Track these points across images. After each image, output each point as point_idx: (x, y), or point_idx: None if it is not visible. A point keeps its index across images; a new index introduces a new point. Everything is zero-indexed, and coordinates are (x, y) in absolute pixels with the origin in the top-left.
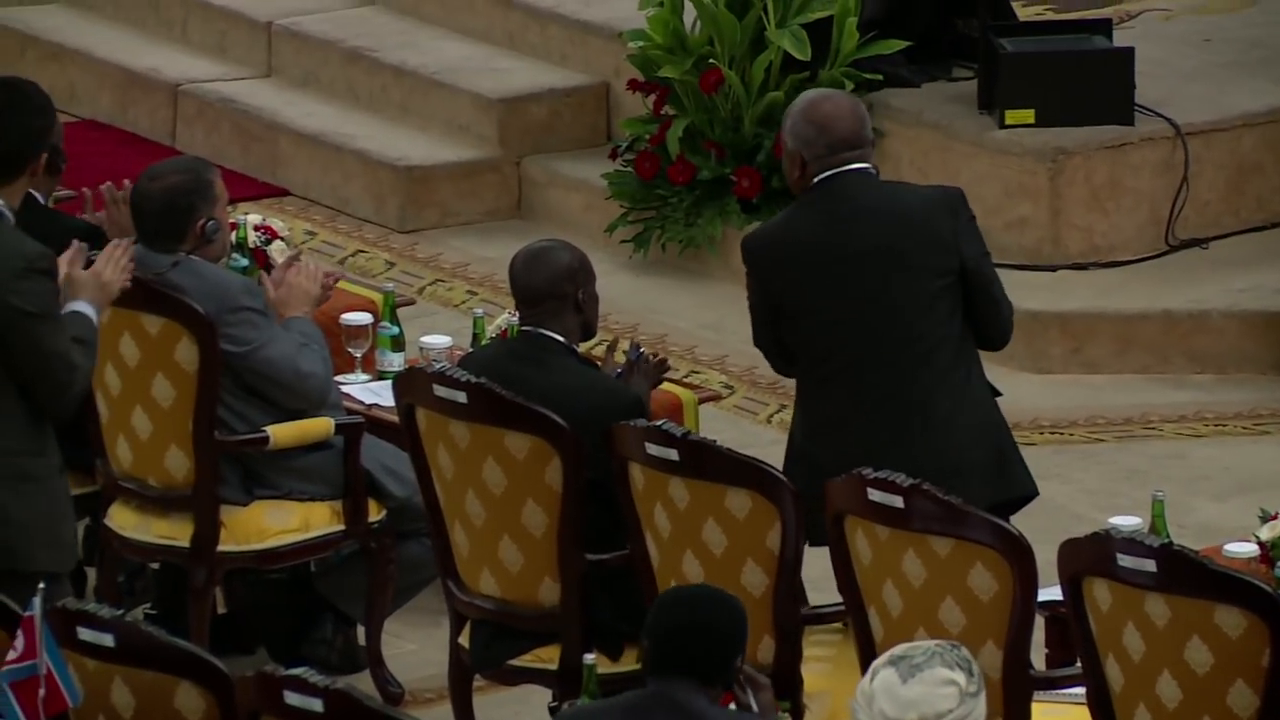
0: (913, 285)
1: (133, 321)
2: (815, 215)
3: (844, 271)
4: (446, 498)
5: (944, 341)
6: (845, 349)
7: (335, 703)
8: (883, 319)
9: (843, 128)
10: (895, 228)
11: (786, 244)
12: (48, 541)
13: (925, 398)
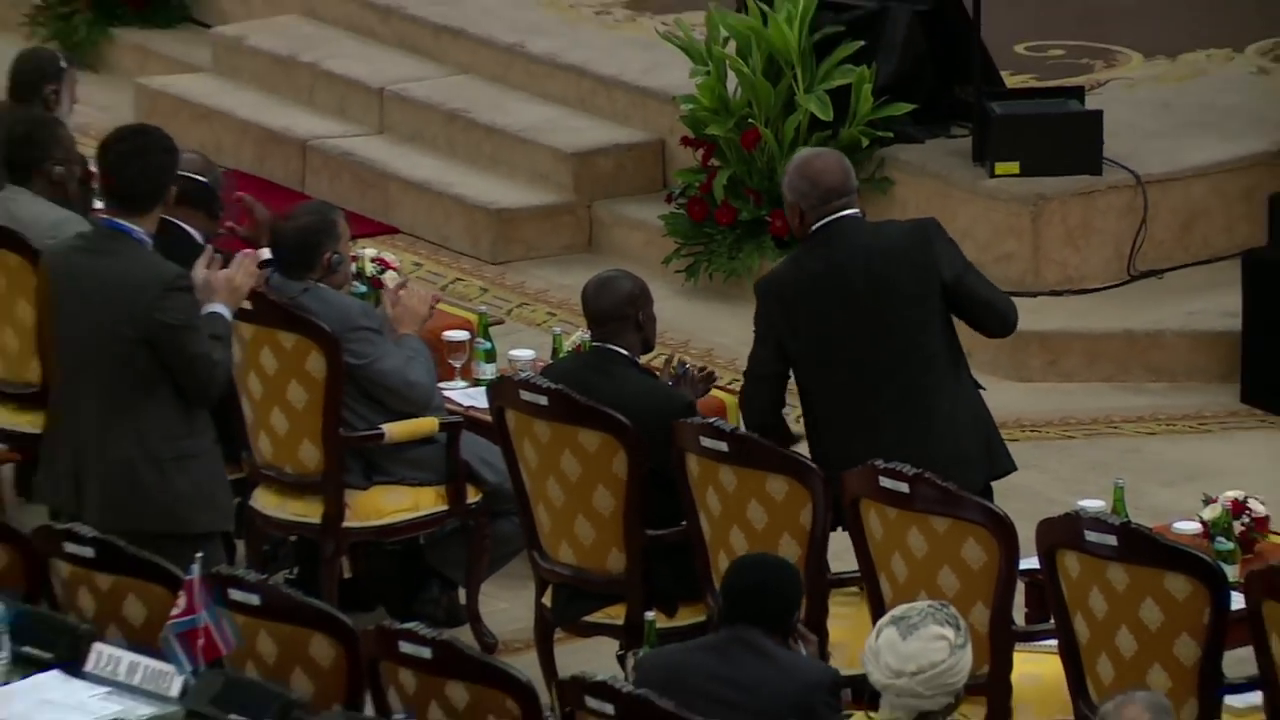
0: (906, 307)
1: (271, 338)
2: (817, 257)
3: (847, 303)
4: (531, 483)
5: (938, 351)
6: (855, 369)
7: (441, 651)
8: (885, 339)
9: (831, 179)
10: (885, 261)
11: (796, 284)
12: (207, 506)
13: (929, 401)
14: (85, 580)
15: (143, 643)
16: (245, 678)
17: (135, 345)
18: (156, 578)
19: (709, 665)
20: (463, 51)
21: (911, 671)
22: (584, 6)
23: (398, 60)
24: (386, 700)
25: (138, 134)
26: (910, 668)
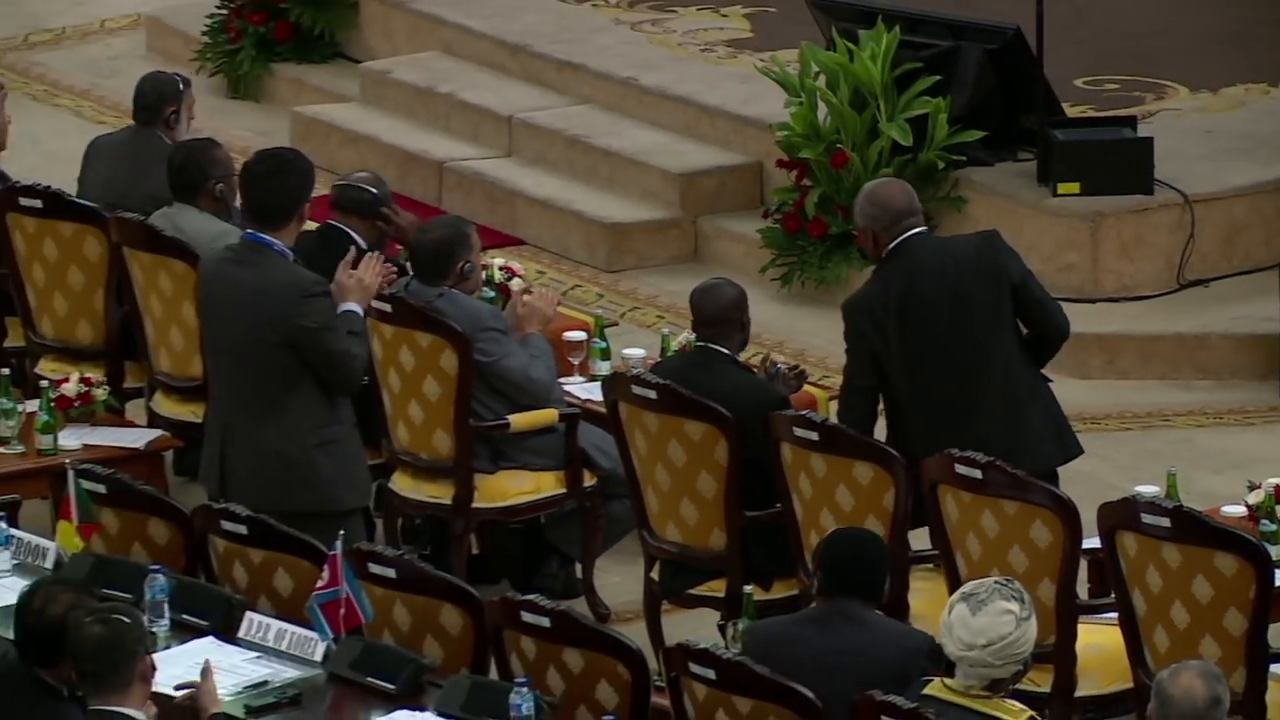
0: (982, 312)
1: (409, 338)
2: (898, 273)
3: (929, 313)
4: (641, 469)
5: (1012, 350)
6: (941, 371)
7: (559, 620)
8: (966, 343)
9: (899, 203)
10: (958, 271)
11: (880, 301)
12: (349, 485)
13: (1008, 395)
14: (239, 555)
15: (290, 612)
16: (381, 644)
17: (278, 347)
18: (303, 553)
19: (812, 635)
20: (583, 84)
21: (982, 644)
22: (691, 44)
23: (525, 91)
24: (509, 666)
25: (274, 158)
26: (981, 640)
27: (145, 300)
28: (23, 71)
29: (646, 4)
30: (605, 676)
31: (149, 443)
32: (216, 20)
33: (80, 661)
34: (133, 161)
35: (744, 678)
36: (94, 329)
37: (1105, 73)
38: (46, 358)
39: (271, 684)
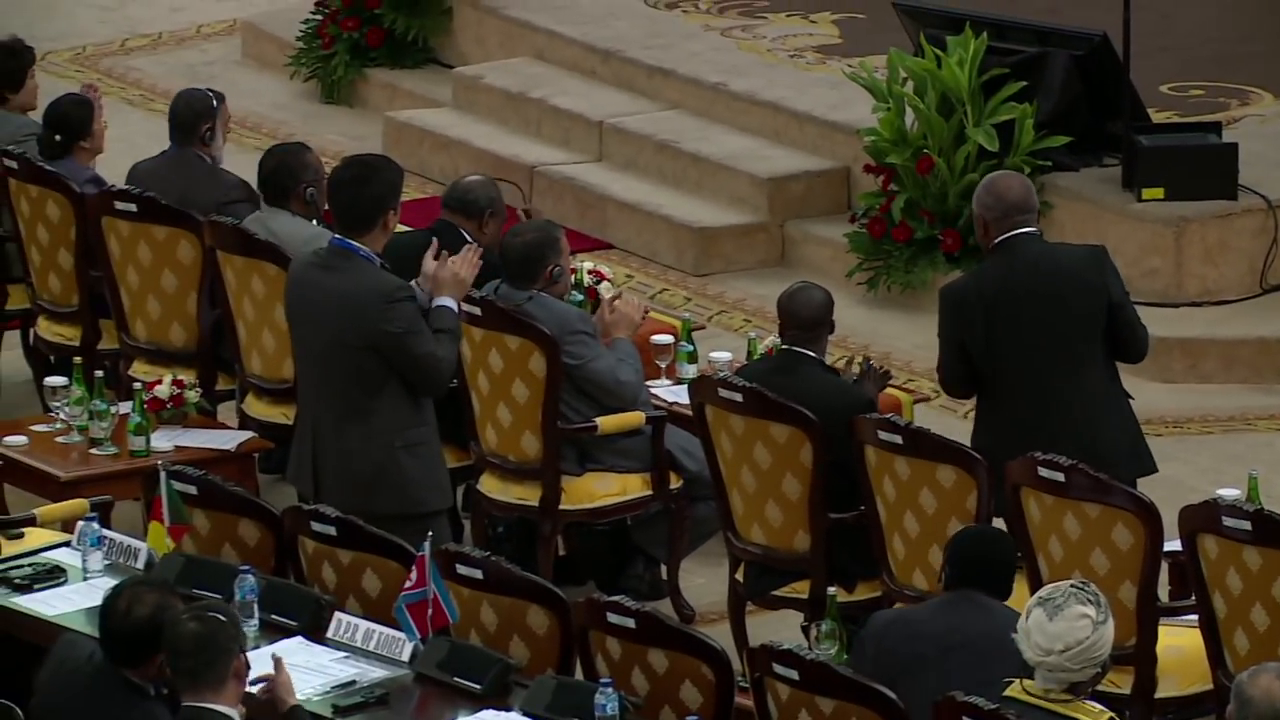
0: (1072, 321)
1: (498, 341)
2: (998, 268)
3: (1021, 311)
4: (727, 471)
5: (1097, 362)
6: (1026, 370)
7: (644, 621)
8: (1052, 345)
9: (1015, 197)
10: (1057, 277)
11: (978, 290)
12: (435, 485)
13: (1086, 405)
14: (328, 556)
15: (377, 613)
16: (468, 644)
17: (364, 351)
18: (391, 554)
19: (938, 617)
20: (673, 89)
21: (1060, 650)
22: (780, 50)
23: (615, 97)
24: (594, 666)
25: (361, 165)
26: (1058, 646)
27: (238, 303)
28: (120, 77)
29: (736, 10)
30: (689, 677)
31: (240, 444)
32: (310, 26)
33: (176, 657)
34: (176, 182)
35: (827, 679)
36: (186, 332)
37: (1190, 79)
38: (139, 360)
39: (359, 684)
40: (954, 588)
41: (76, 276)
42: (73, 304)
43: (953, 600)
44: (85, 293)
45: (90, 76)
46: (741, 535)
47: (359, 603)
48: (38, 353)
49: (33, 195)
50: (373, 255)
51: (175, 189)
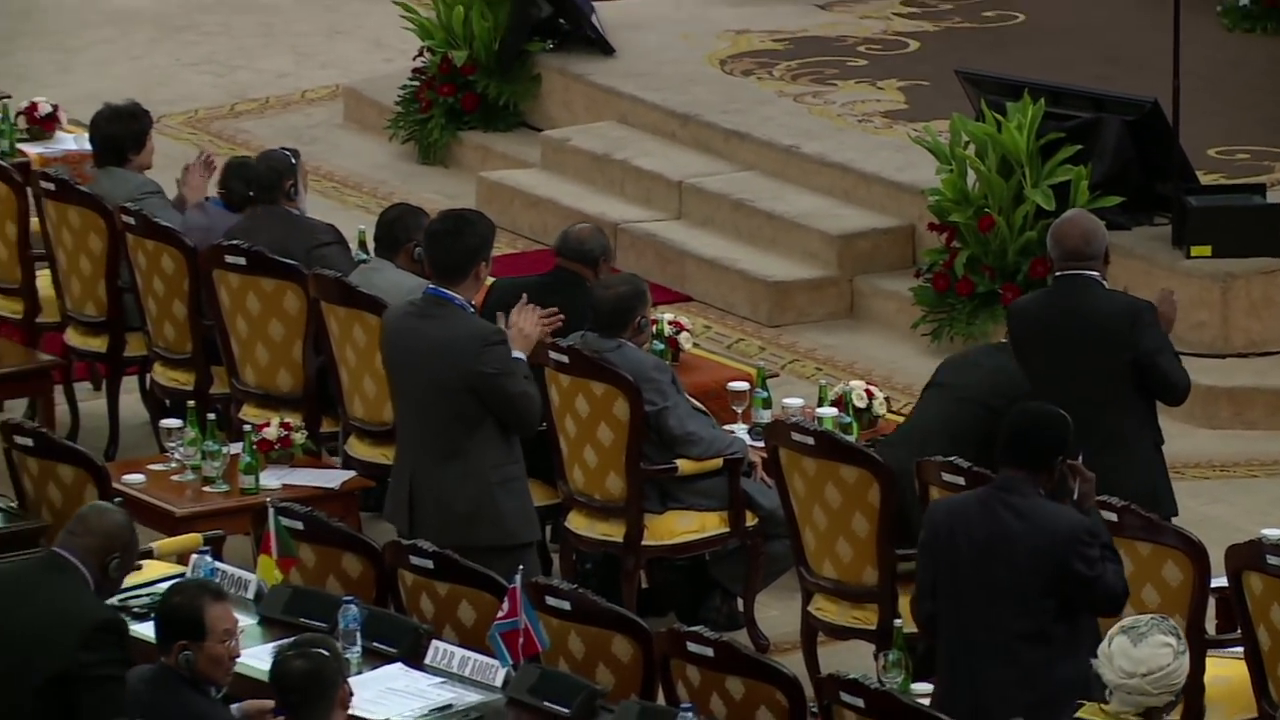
0: (1099, 363)
1: (585, 387)
2: (1048, 301)
3: (1056, 346)
4: (800, 510)
5: (1120, 405)
6: (1055, 399)
7: (722, 651)
8: (1079, 383)
9: (1070, 244)
10: (1089, 324)
11: (1028, 315)
12: (526, 519)
13: (1103, 444)
14: (426, 588)
15: (472, 641)
16: (557, 671)
17: (461, 393)
18: (485, 586)
19: (975, 520)
20: (748, 151)
21: (1142, 673)
22: (849, 115)
23: (694, 158)
24: (675, 692)
25: (456, 218)
26: (1141, 670)
27: (340, 351)
28: (229, 138)
29: (808, 77)
30: (764, 703)
31: (343, 483)
32: (408, 91)
33: (285, 693)
34: (269, 235)
35: (890, 707)
36: (293, 377)
37: (1237, 143)
38: (249, 404)
39: (455, 707)
40: (1000, 462)
41: (190, 325)
42: (186, 351)
43: (989, 495)
44: (198, 341)
45: (202, 139)
46: (813, 570)
47: (455, 632)
48: (154, 397)
49: (149, 249)
50: (466, 303)
51: (269, 241)
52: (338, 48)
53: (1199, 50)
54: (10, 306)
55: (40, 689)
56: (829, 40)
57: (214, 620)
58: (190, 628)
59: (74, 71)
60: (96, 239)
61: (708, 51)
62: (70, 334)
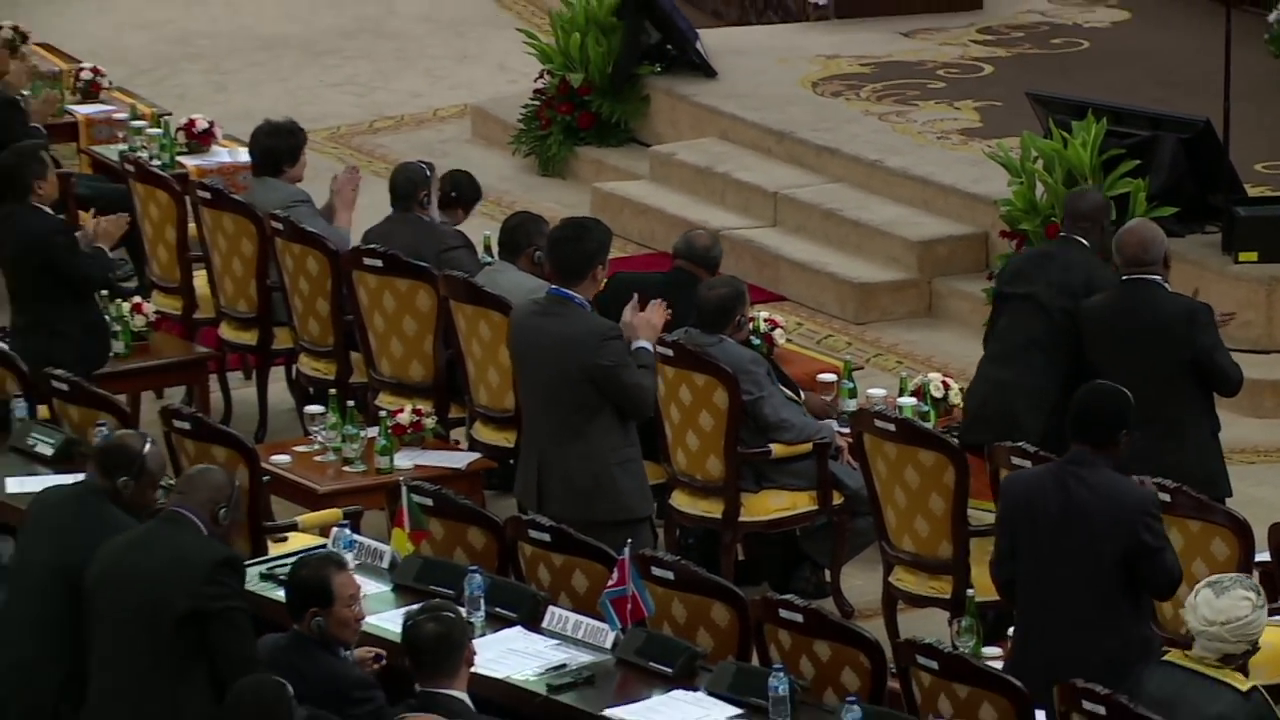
0: (1161, 359)
1: (688, 378)
2: (1115, 303)
3: (1123, 343)
4: (882, 490)
5: (1179, 397)
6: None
7: (810, 616)
8: (1145, 377)
9: (1129, 252)
10: (1152, 323)
11: (1097, 315)
12: (642, 496)
13: (1165, 430)
14: (543, 559)
15: (584, 607)
16: (661, 634)
17: (582, 383)
18: (597, 558)
19: (1050, 493)
20: (837, 165)
21: (1222, 621)
22: (929, 133)
23: (788, 171)
24: (768, 654)
25: (576, 225)
26: (1221, 619)
27: (467, 344)
28: (368, 152)
29: (891, 98)
30: (848, 664)
31: (469, 464)
32: (530, 110)
33: (418, 654)
34: (403, 239)
35: (962, 669)
36: (424, 368)
37: None
38: (385, 392)
39: (569, 666)
40: (1069, 439)
41: (332, 321)
42: (329, 344)
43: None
44: (339, 335)
45: (344, 153)
46: (894, 544)
47: (569, 598)
48: (299, 385)
49: (296, 252)
50: (585, 301)
51: (403, 244)
52: (466, 71)
53: (1247, 74)
54: (170, 304)
55: (175, 624)
56: (911, 64)
57: (340, 587)
58: (320, 595)
59: (228, 91)
60: (248, 243)
61: (801, 75)
62: (224, 328)
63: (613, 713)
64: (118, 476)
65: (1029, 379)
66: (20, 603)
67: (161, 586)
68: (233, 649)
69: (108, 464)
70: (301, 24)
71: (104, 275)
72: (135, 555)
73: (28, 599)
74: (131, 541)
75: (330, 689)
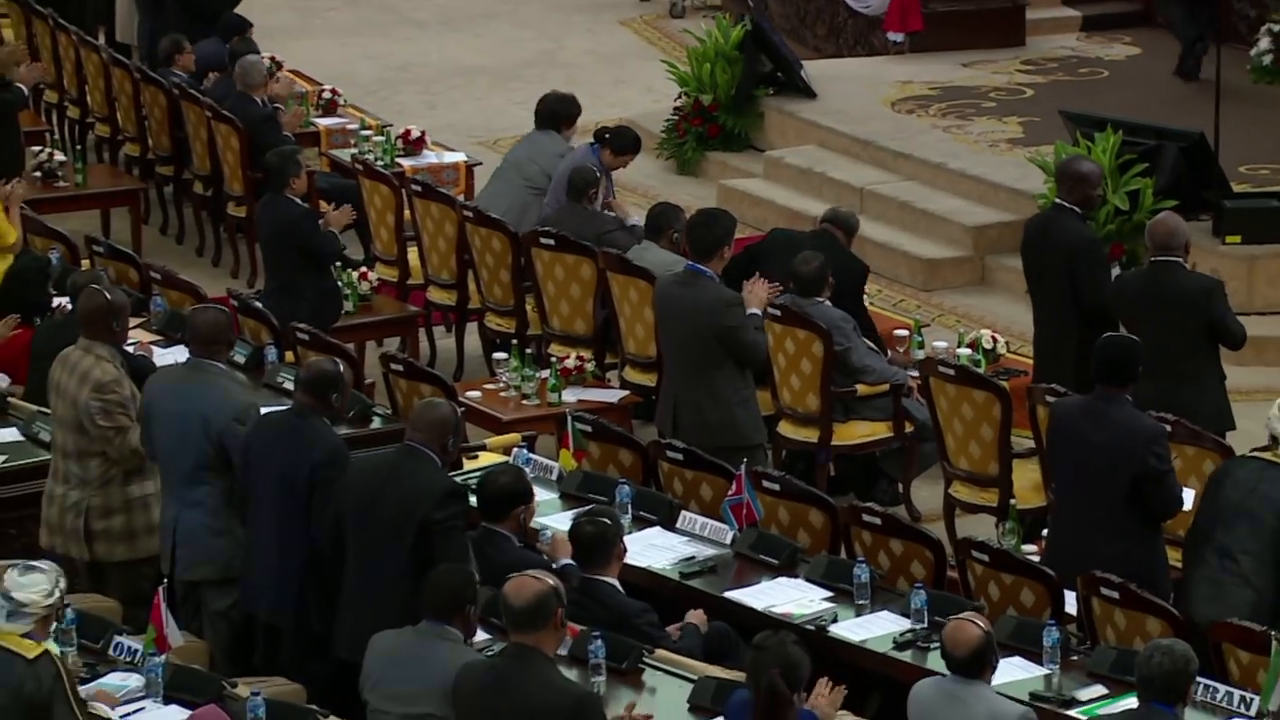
0: (1182, 325)
1: (792, 333)
2: (1144, 279)
3: (1152, 312)
4: (943, 421)
5: (1197, 351)
6: (1151, 354)
7: (887, 520)
8: (1170, 339)
9: (1157, 239)
10: (1175, 296)
11: (1130, 288)
12: (757, 428)
13: (1188, 379)
14: (678, 474)
15: (710, 512)
16: (769, 533)
17: (710, 340)
18: (719, 473)
19: (1080, 419)
20: (910, 167)
21: None
22: (982, 141)
23: (871, 171)
24: (853, 549)
25: (708, 213)
26: None
27: (620, 306)
28: None
29: (953, 114)
30: (917, 558)
31: (620, 399)
32: (669, 123)
33: (581, 547)
34: (572, 224)
35: (1006, 562)
36: (585, 324)
37: (1260, 162)
38: (555, 343)
39: (697, 558)
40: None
41: (513, 287)
42: (510, 305)
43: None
44: (519, 297)
45: None
46: (953, 464)
47: (698, 505)
48: (487, 336)
49: (483, 235)
50: (714, 275)
51: (572, 228)
52: (621, 92)
53: (1233, 97)
54: (389, 272)
55: (413, 538)
56: (969, 88)
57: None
58: (527, 495)
59: (436, 109)
60: (450, 226)
61: (882, 96)
62: (430, 291)
63: (731, 595)
64: (330, 395)
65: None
66: (261, 506)
67: (405, 507)
68: (451, 555)
69: (320, 387)
70: (493, 57)
71: (337, 251)
72: (384, 483)
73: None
74: (377, 469)
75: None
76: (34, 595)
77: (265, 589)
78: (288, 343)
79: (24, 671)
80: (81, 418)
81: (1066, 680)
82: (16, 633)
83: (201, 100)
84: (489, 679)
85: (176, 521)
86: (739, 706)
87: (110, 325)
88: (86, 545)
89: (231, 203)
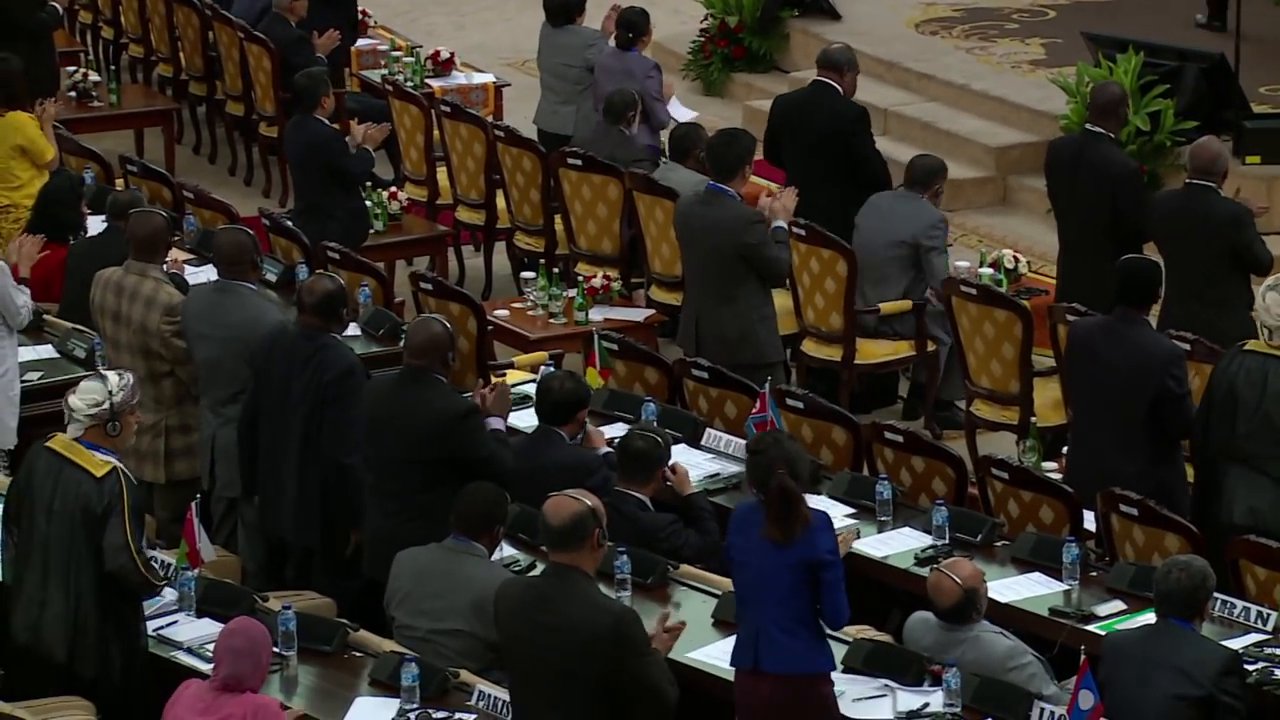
0: (1212, 248)
1: (816, 252)
2: (1177, 201)
3: (1182, 235)
4: (965, 340)
5: (1220, 274)
6: (1176, 272)
7: (909, 438)
8: (1200, 263)
9: (1198, 162)
10: (1205, 221)
11: (1164, 208)
12: (777, 346)
13: (1213, 299)
14: (703, 391)
15: (734, 429)
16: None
17: (732, 257)
18: (743, 391)
19: (1099, 339)
20: (933, 88)
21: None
22: (1005, 63)
23: (895, 92)
24: (875, 466)
25: (728, 133)
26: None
27: (645, 226)
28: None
29: (977, 36)
30: (938, 475)
31: (646, 318)
32: (696, 44)
33: (623, 461)
34: (604, 147)
35: (1026, 479)
36: (612, 244)
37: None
38: (582, 262)
39: (721, 475)
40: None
41: (542, 206)
42: (539, 224)
43: (1109, 320)
44: (548, 217)
45: None
46: (974, 381)
47: (722, 422)
48: (515, 256)
49: (514, 154)
50: (735, 194)
51: (606, 151)
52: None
53: (1254, 19)
54: (418, 192)
55: (432, 459)
56: (992, 10)
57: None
58: (587, 398)
59: (465, 29)
60: (479, 146)
61: (906, 17)
62: (459, 211)
63: None
64: (339, 310)
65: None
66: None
67: (422, 433)
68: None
69: (327, 306)
70: None
71: (366, 171)
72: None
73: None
74: (395, 397)
75: (571, 468)
76: (79, 402)
77: (286, 513)
78: (318, 261)
79: (91, 489)
80: (151, 342)
81: (1085, 596)
82: (78, 442)
83: (234, 21)
84: (530, 596)
85: (215, 439)
86: (745, 512)
87: (163, 247)
88: (165, 466)
89: (263, 123)
